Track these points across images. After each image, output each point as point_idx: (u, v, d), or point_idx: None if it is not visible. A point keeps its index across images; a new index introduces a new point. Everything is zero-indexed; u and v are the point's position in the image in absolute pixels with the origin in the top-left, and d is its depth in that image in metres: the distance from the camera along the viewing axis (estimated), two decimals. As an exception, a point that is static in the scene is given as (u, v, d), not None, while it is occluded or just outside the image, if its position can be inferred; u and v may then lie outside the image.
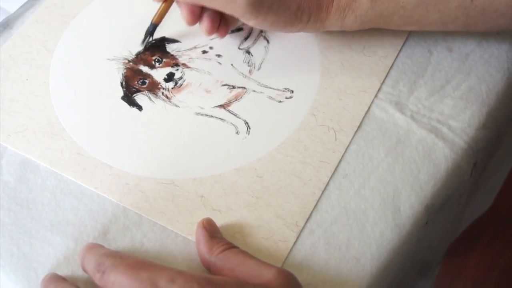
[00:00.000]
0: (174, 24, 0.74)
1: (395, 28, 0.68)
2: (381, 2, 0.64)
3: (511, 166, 0.94)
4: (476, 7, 0.62)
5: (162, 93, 0.70)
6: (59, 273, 0.59)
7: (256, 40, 0.74)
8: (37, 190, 0.65)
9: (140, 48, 0.74)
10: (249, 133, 0.67)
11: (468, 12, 0.63)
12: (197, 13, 0.67)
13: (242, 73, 0.71)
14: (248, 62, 0.72)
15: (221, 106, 0.69)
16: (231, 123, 0.68)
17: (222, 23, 0.70)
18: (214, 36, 0.71)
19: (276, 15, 0.64)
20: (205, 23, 0.68)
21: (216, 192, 0.63)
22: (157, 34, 0.73)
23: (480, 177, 0.76)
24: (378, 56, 0.71)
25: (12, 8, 0.78)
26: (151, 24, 0.71)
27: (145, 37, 0.73)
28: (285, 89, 0.70)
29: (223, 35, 0.71)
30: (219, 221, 0.61)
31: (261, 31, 0.74)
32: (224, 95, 0.70)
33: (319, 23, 0.66)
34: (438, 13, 0.64)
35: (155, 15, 0.71)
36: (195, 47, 0.73)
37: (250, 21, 0.65)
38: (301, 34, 0.72)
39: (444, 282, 1.34)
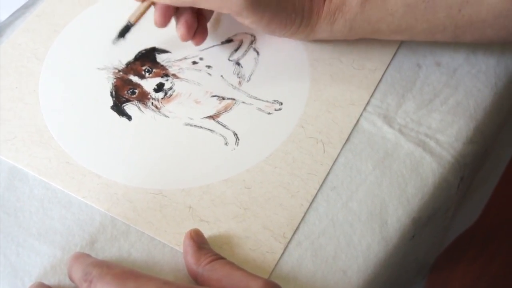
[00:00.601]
0: (164, 34, 0.73)
1: (384, 38, 0.68)
2: (369, 7, 0.65)
3: (497, 179, 0.94)
4: (463, 17, 0.63)
5: (152, 103, 0.70)
6: (46, 282, 0.59)
7: (246, 51, 0.74)
8: (24, 199, 0.65)
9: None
10: (238, 144, 0.67)
11: (456, 22, 0.64)
12: (168, 16, 0.67)
13: (232, 85, 0.71)
14: (238, 74, 0.72)
15: (211, 117, 0.69)
16: (220, 134, 0.68)
17: (198, 30, 0.70)
18: (204, 46, 0.72)
19: (272, 14, 0.65)
20: (180, 29, 0.68)
21: (204, 203, 0.64)
22: (147, 44, 0.74)
23: (467, 190, 0.77)
24: (367, 69, 0.72)
25: (2, 16, 0.78)
26: (128, 22, 0.70)
27: (118, 35, 0.71)
28: (275, 101, 0.70)
29: (198, 42, 0.71)
30: (206, 232, 0.61)
31: (251, 43, 0.74)
32: (214, 106, 0.70)
33: (310, 28, 0.67)
34: (427, 22, 0.64)
35: (132, 14, 0.69)
36: (185, 58, 0.73)
37: (246, 20, 0.65)
38: (291, 45, 0.73)
39: (430, 295, 1.34)
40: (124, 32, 0.71)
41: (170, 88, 0.71)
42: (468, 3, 0.62)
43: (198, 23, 0.69)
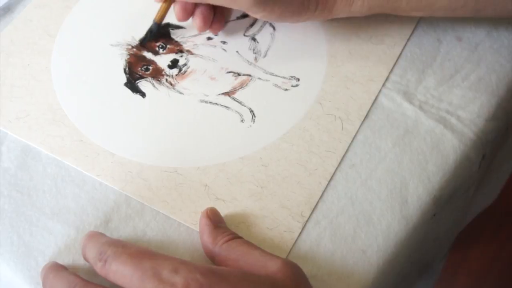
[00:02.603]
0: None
1: (403, 14, 0.66)
2: None
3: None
4: None
5: (166, 80, 0.69)
6: (60, 261, 0.58)
7: (262, 27, 0.72)
8: (38, 178, 0.64)
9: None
10: (254, 121, 0.66)
11: None
12: (189, 10, 0.67)
13: (248, 60, 0.70)
14: (253, 49, 0.71)
15: (226, 93, 0.68)
16: (236, 111, 0.66)
17: (215, 19, 0.69)
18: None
19: (283, 5, 0.63)
20: (197, 20, 0.68)
21: (220, 181, 0.62)
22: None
23: (487, 169, 0.75)
24: (386, 45, 0.70)
25: (13, -8, 0.77)
26: (154, 23, 0.70)
27: (146, 36, 0.71)
28: (291, 77, 0.68)
29: (216, 31, 0.71)
30: (223, 211, 0.60)
31: (267, 18, 0.73)
32: (229, 82, 0.68)
33: (326, 11, 0.65)
34: None
35: (156, 14, 0.69)
36: (199, 33, 0.72)
37: (257, 14, 0.64)
38: (308, 21, 0.71)
39: (447, 274, 1.33)
40: (151, 32, 0.71)
41: (185, 65, 0.70)
42: None
43: (214, 13, 0.68)
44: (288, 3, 0.63)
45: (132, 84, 0.69)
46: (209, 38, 0.72)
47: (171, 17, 0.72)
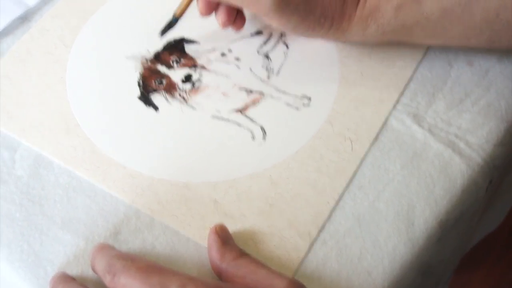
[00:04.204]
0: (193, 25, 0.73)
1: (417, 41, 0.67)
2: (404, 12, 0.63)
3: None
4: (501, 21, 0.61)
5: (179, 94, 0.70)
6: (69, 272, 0.59)
7: (275, 45, 0.73)
8: (49, 187, 0.65)
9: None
10: (265, 139, 0.66)
11: (493, 26, 0.62)
12: (213, 5, 0.68)
13: (260, 78, 0.71)
14: (266, 67, 0.71)
15: (238, 110, 0.68)
16: (247, 128, 0.67)
17: (238, 16, 0.70)
18: (233, 37, 0.71)
19: (300, 17, 0.64)
20: (221, 16, 0.68)
21: (229, 198, 0.63)
22: (176, 34, 0.73)
23: (494, 194, 0.76)
24: (398, 67, 0.71)
25: (31, 1, 0.78)
26: (173, 17, 0.70)
27: (165, 29, 0.72)
28: (303, 96, 0.69)
29: (239, 28, 0.71)
30: (231, 227, 0.61)
31: (281, 36, 0.73)
32: (242, 99, 0.69)
33: (340, 31, 0.66)
34: (462, 26, 0.63)
35: (177, 8, 0.70)
36: (214, 49, 0.73)
37: (273, 21, 0.64)
38: (321, 41, 0.72)
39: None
40: (170, 26, 0.71)
41: (198, 80, 0.71)
42: (507, 8, 0.61)
43: (237, 9, 0.69)
44: (305, 16, 0.64)
45: (145, 97, 0.70)
46: (223, 54, 0.72)
47: (186, 32, 0.73)
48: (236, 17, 0.69)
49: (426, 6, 0.63)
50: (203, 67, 0.71)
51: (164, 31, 0.72)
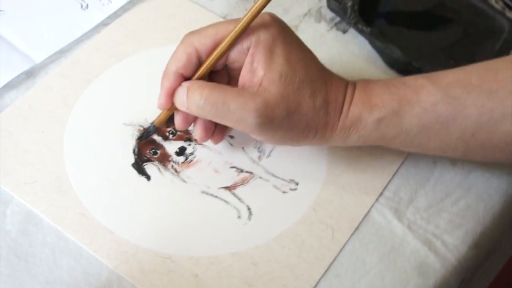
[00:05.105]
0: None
1: (395, 149, 0.69)
2: (385, 125, 0.65)
3: (494, 276, 0.95)
4: (476, 141, 0.64)
5: (172, 166, 0.72)
6: (47, 332, 0.61)
7: (269, 127, 0.75)
8: (37, 245, 0.66)
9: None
10: (250, 219, 0.69)
11: (468, 144, 0.64)
12: (190, 120, 0.68)
13: (252, 158, 0.73)
14: (258, 148, 0.74)
15: (227, 188, 0.71)
16: (234, 206, 0.69)
17: (217, 130, 0.70)
18: None
19: (284, 132, 0.65)
20: (198, 131, 0.69)
21: (210, 273, 0.65)
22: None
23: (465, 289, 0.78)
24: (385, 160, 0.73)
25: (38, 58, 0.80)
26: (152, 125, 0.71)
27: (143, 136, 0.74)
28: (291, 180, 0.72)
29: (217, 141, 0.72)
30: (209, 303, 0.63)
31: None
32: (232, 177, 0.72)
33: (324, 140, 0.67)
34: (439, 142, 0.65)
35: (157, 118, 0.70)
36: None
37: (259, 137, 0.66)
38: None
39: None
40: (148, 134, 0.73)
41: (192, 154, 0.73)
42: (482, 129, 0.63)
43: (216, 124, 0.69)
44: (288, 131, 0.65)
45: (139, 166, 0.72)
46: (218, 131, 0.75)
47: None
48: (214, 132, 0.70)
49: (405, 122, 0.64)
50: (197, 141, 0.74)
51: (141, 138, 0.74)
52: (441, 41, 0.83)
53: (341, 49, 0.84)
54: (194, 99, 0.64)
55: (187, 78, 0.66)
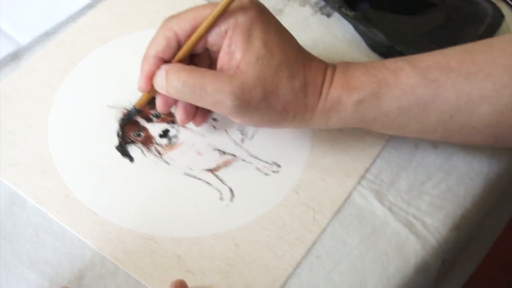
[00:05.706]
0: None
1: (376, 131, 0.70)
2: (364, 107, 0.66)
3: (478, 262, 0.96)
4: (454, 123, 0.65)
5: (155, 148, 0.72)
6: (30, 311, 0.61)
7: (252, 109, 0.76)
8: (21, 225, 0.67)
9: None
10: (232, 201, 0.69)
11: (447, 126, 0.65)
12: (170, 103, 0.69)
13: (235, 141, 0.74)
14: (241, 131, 0.74)
15: (210, 170, 0.71)
16: (217, 188, 0.70)
17: (198, 112, 0.71)
18: None
19: (262, 115, 0.65)
20: (179, 114, 0.69)
21: (192, 254, 0.66)
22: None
23: (447, 273, 0.79)
24: (367, 143, 0.74)
25: (23, 40, 0.80)
26: (134, 108, 0.72)
27: (125, 118, 0.74)
28: (273, 162, 0.72)
29: (199, 124, 0.73)
30: (191, 283, 0.63)
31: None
32: (214, 159, 0.72)
33: (304, 122, 0.67)
34: (419, 124, 0.66)
35: (138, 101, 0.71)
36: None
37: (236, 119, 0.66)
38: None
39: None
40: (130, 117, 0.74)
41: (175, 136, 0.73)
42: (460, 111, 0.64)
43: (197, 107, 0.70)
44: (265, 113, 0.65)
45: (122, 148, 0.72)
46: (201, 113, 0.75)
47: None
48: (195, 114, 0.71)
49: (385, 104, 0.65)
50: (181, 124, 0.74)
51: (124, 120, 0.74)
52: (424, 25, 0.83)
53: (325, 32, 0.84)
54: (172, 82, 0.64)
55: (167, 62, 0.66)
